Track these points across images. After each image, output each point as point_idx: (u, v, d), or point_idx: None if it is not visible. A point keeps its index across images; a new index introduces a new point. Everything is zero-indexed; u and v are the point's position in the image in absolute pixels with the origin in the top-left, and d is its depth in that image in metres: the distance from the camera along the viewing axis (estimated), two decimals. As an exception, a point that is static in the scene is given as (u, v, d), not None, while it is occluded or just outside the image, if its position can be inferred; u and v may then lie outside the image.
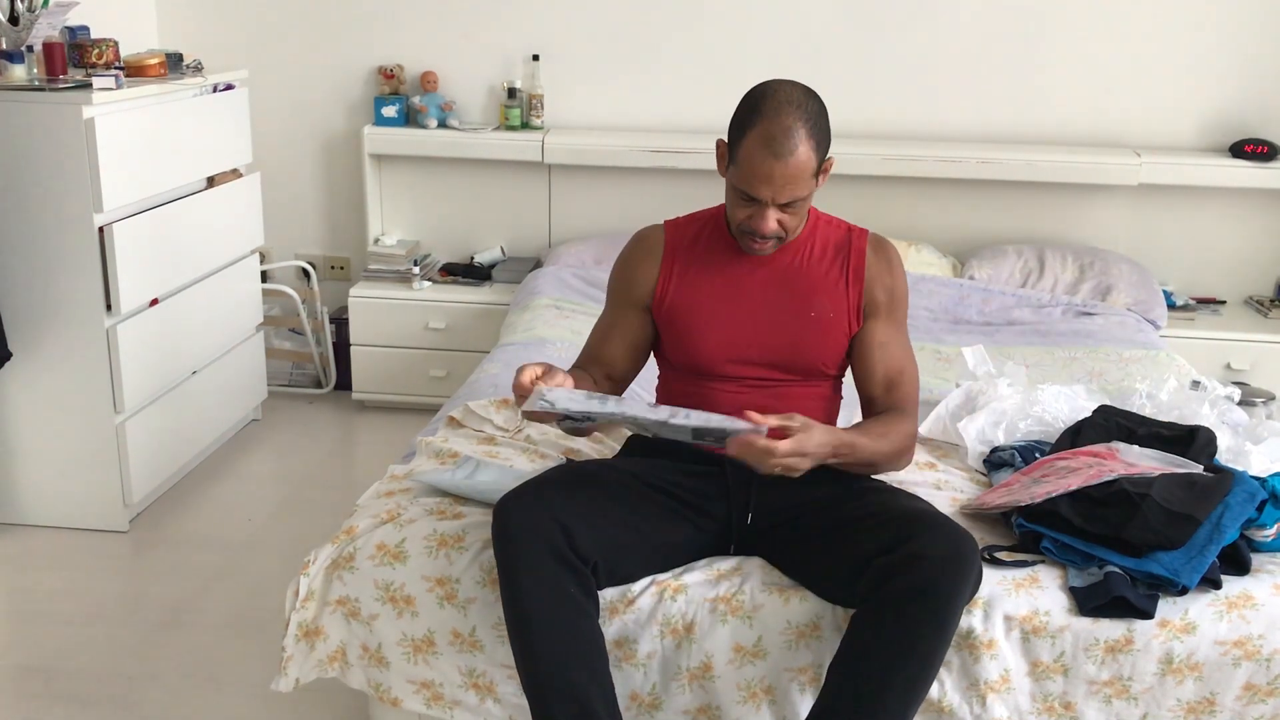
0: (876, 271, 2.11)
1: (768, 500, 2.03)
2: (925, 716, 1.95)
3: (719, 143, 2.07)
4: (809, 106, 1.95)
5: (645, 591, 1.99)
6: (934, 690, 1.93)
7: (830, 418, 2.16)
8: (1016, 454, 2.37)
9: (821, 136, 1.96)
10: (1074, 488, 2.03)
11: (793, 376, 2.10)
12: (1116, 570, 1.95)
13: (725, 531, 2.06)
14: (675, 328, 2.13)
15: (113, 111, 2.99)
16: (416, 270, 4.07)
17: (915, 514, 1.91)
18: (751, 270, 2.10)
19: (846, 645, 1.83)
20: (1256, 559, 2.04)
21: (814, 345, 2.09)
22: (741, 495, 2.04)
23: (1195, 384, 2.83)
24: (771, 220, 1.98)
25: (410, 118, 4.13)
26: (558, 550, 1.82)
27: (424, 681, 2.06)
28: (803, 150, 1.92)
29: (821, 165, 1.99)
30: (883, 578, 1.80)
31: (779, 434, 1.85)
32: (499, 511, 1.87)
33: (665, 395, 2.20)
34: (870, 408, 2.14)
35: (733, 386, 2.09)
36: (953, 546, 1.80)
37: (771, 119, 1.92)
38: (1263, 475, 2.16)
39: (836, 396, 2.19)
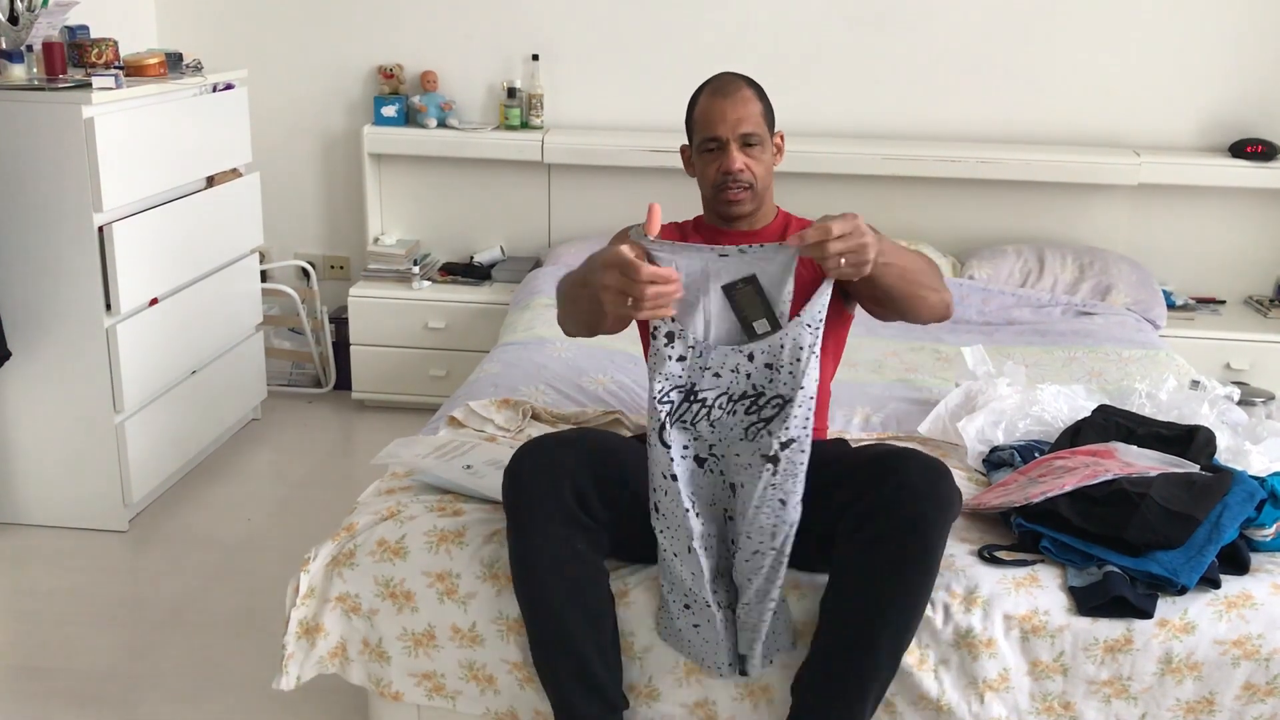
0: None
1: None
2: (924, 715, 1.95)
3: (682, 148, 2.21)
4: (747, 77, 2.14)
5: (641, 585, 1.99)
6: (932, 688, 1.93)
7: (822, 396, 2.20)
8: (1016, 454, 2.37)
9: (763, 94, 2.12)
10: (1069, 487, 2.03)
11: None
12: (1116, 570, 1.95)
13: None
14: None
15: (112, 111, 2.99)
16: (416, 270, 4.07)
17: (885, 452, 1.92)
18: None
19: (835, 587, 1.85)
20: (1255, 558, 2.04)
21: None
22: None
23: (1195, 384, 2.84)
24: (737, 158, 2.07)
25: (410, 117, 4.13)
26: (568, 504, 1.84)
27: (425, 673, 2.07)
28: (747, 92, 2.09)
29: (771, 122, 2.12)
30: (865, 517, 1.81)
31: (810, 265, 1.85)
32: (514, 460, 1.88)
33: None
34: None
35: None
36: (932, 473, 1.83)
37: (714, 80, 2.14)
38: (1262, 475, 2.17)
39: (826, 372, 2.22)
